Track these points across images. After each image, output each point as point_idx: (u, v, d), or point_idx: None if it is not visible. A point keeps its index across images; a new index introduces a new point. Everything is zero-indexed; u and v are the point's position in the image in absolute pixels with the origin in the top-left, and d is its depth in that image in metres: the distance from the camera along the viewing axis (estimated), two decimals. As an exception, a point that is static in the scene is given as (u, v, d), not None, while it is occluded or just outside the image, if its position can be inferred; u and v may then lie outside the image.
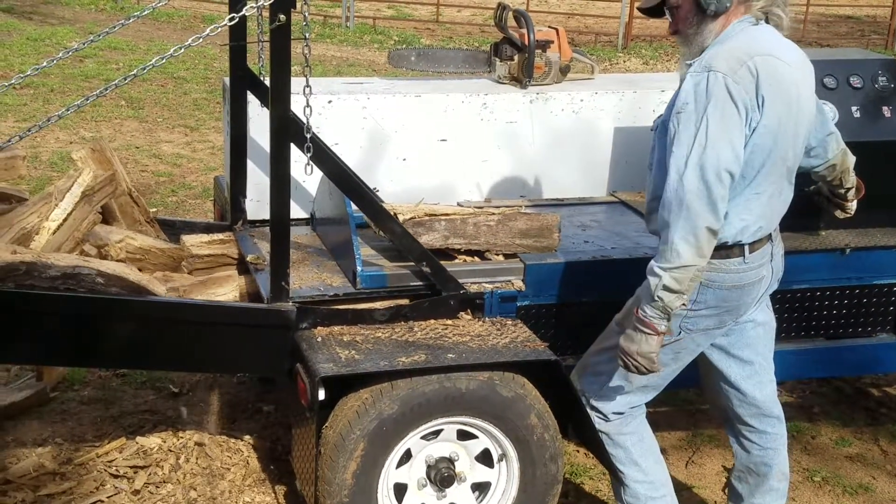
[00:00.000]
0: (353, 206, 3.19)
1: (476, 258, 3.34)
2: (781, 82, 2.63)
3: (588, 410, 3.07)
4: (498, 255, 3.34)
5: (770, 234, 2.83)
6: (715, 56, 2.63)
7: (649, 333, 2.70)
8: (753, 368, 3.03)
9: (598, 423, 3.06)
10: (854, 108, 3.50)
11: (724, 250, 2.74)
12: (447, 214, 3.30)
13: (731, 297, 2.81)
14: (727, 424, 3.19)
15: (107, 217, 3.51)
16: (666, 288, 2.63)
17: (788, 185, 2.82)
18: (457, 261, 3.32)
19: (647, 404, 3.12)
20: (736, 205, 2.69)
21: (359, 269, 3.14)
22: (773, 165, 2.68)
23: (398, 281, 3.22)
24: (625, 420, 3.05)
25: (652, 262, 2.68)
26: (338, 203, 3.28)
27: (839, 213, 3.22)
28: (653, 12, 2.84)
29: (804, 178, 3.09)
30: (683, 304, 2.70)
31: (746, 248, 2.76)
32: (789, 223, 2.96)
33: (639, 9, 2.93)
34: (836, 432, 4.19)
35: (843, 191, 3.14)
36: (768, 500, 3.16)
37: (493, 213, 3.33)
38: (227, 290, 3.30)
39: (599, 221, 3.76)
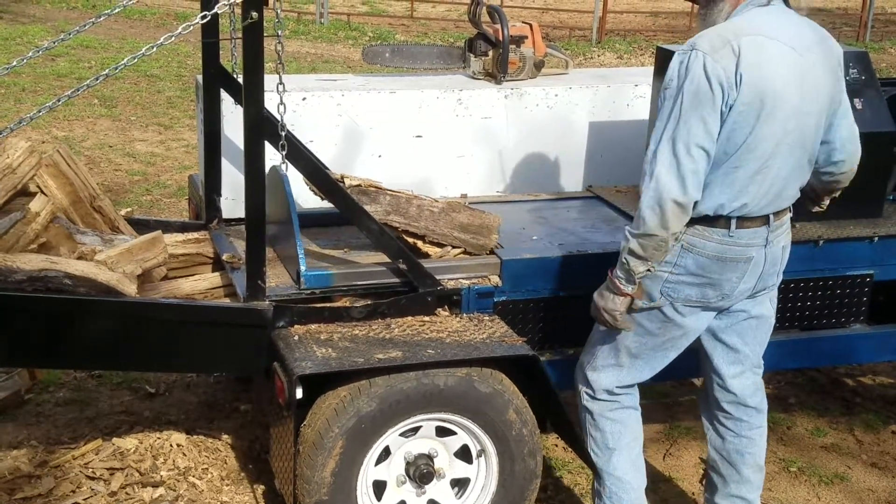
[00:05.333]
0: (297, 206, 3.17)
1: (417, 241, 3.32)
2: (770, 62, 2.66)
3: (579, 387, 3.09)
4: (433, 244, 3.32)
5: (768, 218, 2.82)
6: (703, 35, 2.71)
7: (615, 293, 2.81)
8: (738, 356, 3.05)
9: (586, 399, 3.08)
10: (826, 101, 3.51)
11: (709, 219, 2.78)
12: (394, 191, 3.29)
13: (712, 267, 2.82)
14: (705, 410, 3.21)
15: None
16: (631, 252, 2.74)
17: (796, 168, 2.80)
18: (432, 256, 3.32)
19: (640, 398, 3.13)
20: (715, 177, 2.73)
21: (303, 268, 3.11)
22: (756, 142, 2.69)
23: (343, 280, 3.18)
24: (612, 405, 3.06)
25: (626, 226, 2.79)
26: (281, 202, 3.23)
27: (813, 208, 3.25)
28: None
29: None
30: (649, 270, 2.79)
31: (733, 221, 2.78)
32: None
33: None
34: (812, 422, 4.22)
35: (826, 196, 3.17)
36: (743, 492, 3.17)
37: (438, 202, 3.34)
38: (154, 254, 3.24)
39: (546, 218, 3.75)
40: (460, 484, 3.15)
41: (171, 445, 3.64)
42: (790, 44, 2.71)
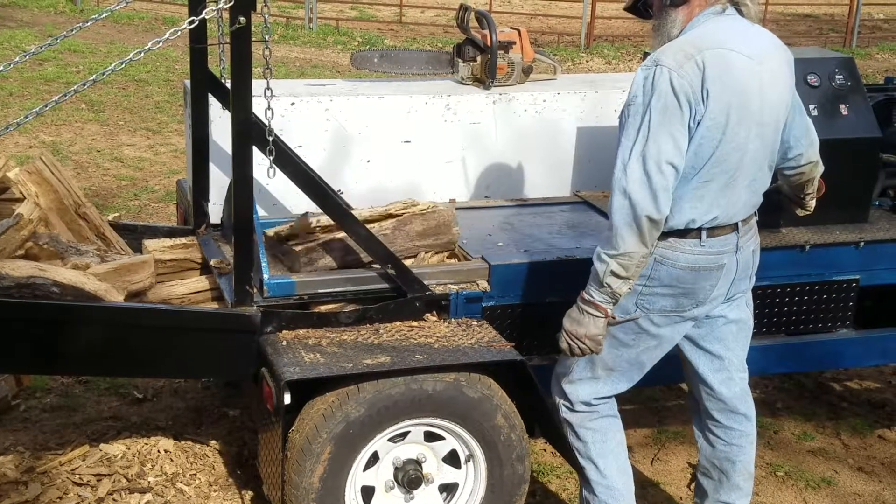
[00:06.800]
0: (260, 213, 3.16)
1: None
2: (733, 74, 2.67)
3: (556, 399, 3.08)
4: (404, 258, 3.31)
5: (736, 225, 2.84)
6: (665, 50, 2.71)
7: (597, 316, 2.77)
8: (722, 363, 3.06)
9: (564, 411, 3.08)
10: (812, 107, 3.54)
11: (680, 232, 2.79)
12: (340, 233, 3.25)
13: (686, 277, 2.83)
14: (695, 418, 3.22)
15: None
16: (613, 274, 2.71)
17: (759, 174, 2.83)
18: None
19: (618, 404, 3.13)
20: (685, 192, 2.73)
21: (265, 276, 3.11)
22: (724, 155, 2.71)
23: (305, 288, 3.16)
24: (590, 415, 3.06)
25: (598, 248, 2.75)
26: None
27: (799, 211, 3.27)
28: (637, 12, 2.96)
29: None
30: (630, 289, 2.77)
31: (704, 232, 2.79)
32: (750, 221, 2.99)
33: (624, 9, 3.03)
34: (799, 427, 4.24)
35: (803, 195, 3.19)
36: (734, 498, 3.18)
37: (386, 221, 3.32)
38: (142, 277, 3.24)
39: (532, 223, 3.75)
40: (449, 489, 3.15)
41: (158, 451, 3.63)
42: (749, 54, 2.72)
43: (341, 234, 3.26)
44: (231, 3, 2.84)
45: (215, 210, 3.73)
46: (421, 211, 3.38)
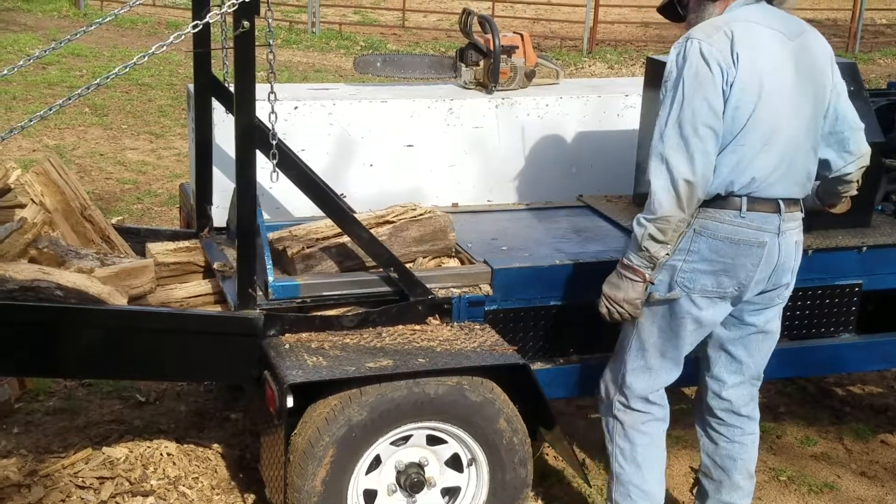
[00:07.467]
0: (264, 216, 3.17)
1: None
2: (763, 44, 2.74)
3: (611, 397, 3.09)
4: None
5: (778, 205, 2.83)
6: (696, 28, 2.80)
7: (636, 280, 2.83)
8: (740, 367, 3.08)
9: (619, 409, 3.07)
10: (815, 112, 3.53)
11: (720, 200, 2.81)
12: (336, 238, 3.26)
13: (726, 251, 2.83)
14: (698, 416, 3.23)
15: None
16: (651, 237, 2.76)
17: (798, 147, 2.83)
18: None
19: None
20: (722, 157, 2.77)
21: (270, 279, 3.11)
22: (759, 120, 2.74)
23: (309, 291, 3.16)
24: (644, 416, 3.06)
25: (639, 214, 2.80)
26: None
27: (839, 208, 3.28)
28: (672, 11, 3.03)
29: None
30: (667, 254, 2.81)
31: (744, 201, 2.80)
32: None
33: (657, 10, 3.12)
34: (802, 431, 4.24)
35: (846, 192, 3.18)
36: (734, 498, 3.18)
37: (382, 227, 3.33)
38: (142, 282, 3.24)
39: (535, 227, 3.75)
40: (451, 493, 3.15)
41: (161, 454, 3.64)
42: (779, 29, 2.80)
43: (340, 240, 3.27)
44: (234, 8, 2.85)
45: (218, 213, 3.74)
46: (417, 217, 3.39)
